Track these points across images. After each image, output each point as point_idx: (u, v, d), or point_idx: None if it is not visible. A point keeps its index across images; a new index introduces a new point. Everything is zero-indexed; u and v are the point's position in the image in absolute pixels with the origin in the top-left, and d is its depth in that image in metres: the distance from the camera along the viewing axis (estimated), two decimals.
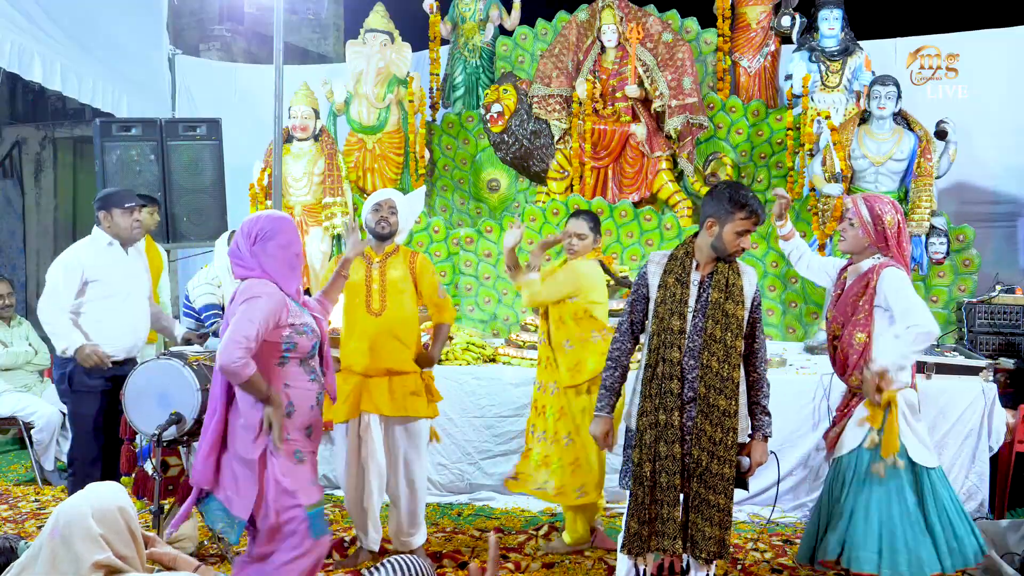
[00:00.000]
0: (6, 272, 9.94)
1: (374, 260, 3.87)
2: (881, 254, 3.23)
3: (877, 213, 3.22)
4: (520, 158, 6.31)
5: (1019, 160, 6.36)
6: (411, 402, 3.82)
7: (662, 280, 3.08)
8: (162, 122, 5.71)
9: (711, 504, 2.96)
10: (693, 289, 3.05)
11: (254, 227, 2.96)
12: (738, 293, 3.01)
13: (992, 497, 4.47)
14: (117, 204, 4.05)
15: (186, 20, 9.92)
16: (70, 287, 3.97)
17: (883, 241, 3.22)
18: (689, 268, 3.07)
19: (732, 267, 3.04)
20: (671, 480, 2.98)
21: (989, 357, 4.85)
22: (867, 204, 3.25)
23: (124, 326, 4.07)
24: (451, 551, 4.13)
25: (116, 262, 4.08)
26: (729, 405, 2.97)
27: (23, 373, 5.69)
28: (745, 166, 6.30)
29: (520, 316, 5.94)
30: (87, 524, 2.03)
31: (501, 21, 6.89)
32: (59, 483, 5.35)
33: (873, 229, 3.22)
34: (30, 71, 5.98)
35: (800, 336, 5.69)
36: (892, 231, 3.21)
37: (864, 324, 3.20)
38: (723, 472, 2.96)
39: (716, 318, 2.99)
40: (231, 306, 2.91)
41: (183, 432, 3.64)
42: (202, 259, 6.13)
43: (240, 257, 2.96)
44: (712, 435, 2.96)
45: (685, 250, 3.09)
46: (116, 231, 4.07)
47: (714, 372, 2.97)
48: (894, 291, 3.13)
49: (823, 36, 5.99)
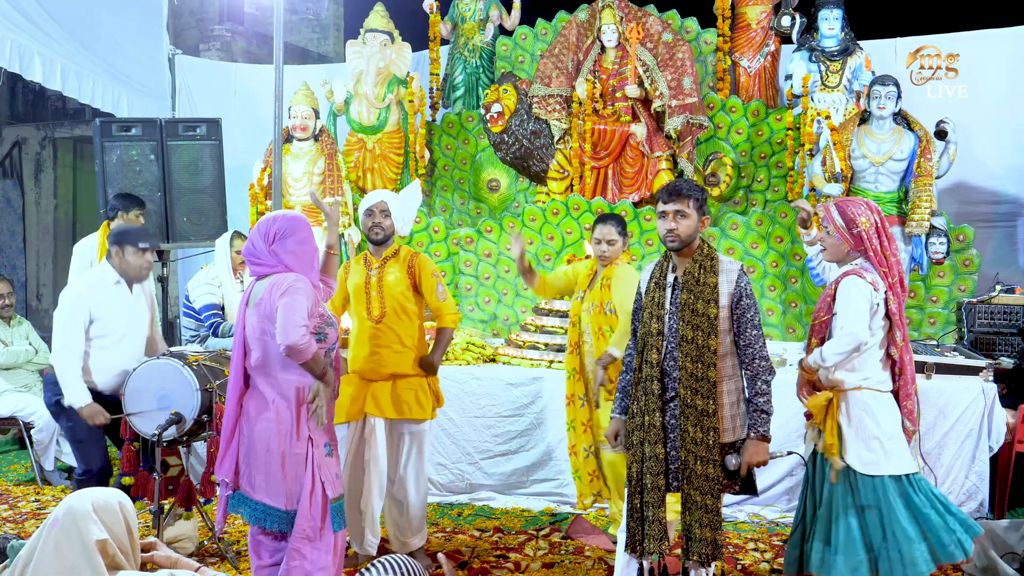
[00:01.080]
0: (6, 272, 9.95)
1: (373, 265, 3.88)
2: (863, 258, 3.20)
3: (850, 216, 3.17)
4: (520, 158, 6.31)
5: (1019, 160, 6.36)
6: (414, 405, 3.83)
7: (647, 286, 3.18)
8: (162, 122, 5.70)
9: (699, 505, 2.97)
10: (668, 291, 3.10)
11: (271, 226, 3.03)
12: (709, 292, 3.02)
13: (992, 497, 4.47)
14: (131, 243, 3.95)
15: (186, 20, 9.92)
16: (78, 329, 3.87)
17: (861, 244, 3.17)
18: (667, 271, 3.14)
19: (706, 266, 3.05)
20: (655, 481, 3.01)
21: (989, 357, 4.86)
22: (839, 209, 3.21)
23: (115, 367, 3.93)
24: (451, 551, 4.13)
25: (120, 302, 3.97)
26: (707, 405, 2.98)
27: (23, 372, 5.69)
28: (745, 166, 6.30)
29: (520, 316, 5.95)
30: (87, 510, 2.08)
31: (501, 21, 6.89)
32: (59, 483, 5.36)
33: (848, 233, 3.18)
34: (30, 71, 5.99)
35: (800, 336, 5.68)
36: (868, 232, 3.16)
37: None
38: (707, 472, 2.97)
39: (686, 318, 3.02)
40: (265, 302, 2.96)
41: (183, 432, 3.64)
42: (202, 259, 6.12)
43: (258, 256, 3.03)
44: (694, 436, 2.98)
45: (666, 253, 3.17)
46: (125, 268, 3.96)
47: (689, 372, 2.99)
48: (841, 298, 3.13)
49: (823, 36, 5.99)
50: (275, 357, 2.98)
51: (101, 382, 3.91)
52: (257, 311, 3.00)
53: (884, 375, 3.19)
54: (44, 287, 10.40)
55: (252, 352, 3.03)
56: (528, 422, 4.79)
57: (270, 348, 2.99)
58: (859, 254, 3.20)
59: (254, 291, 3.06)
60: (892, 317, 3.15)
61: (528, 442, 4.80)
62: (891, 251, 3.21)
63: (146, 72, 7.23)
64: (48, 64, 6.09)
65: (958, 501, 4.39)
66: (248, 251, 3.08)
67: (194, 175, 5.71)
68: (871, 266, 3.18)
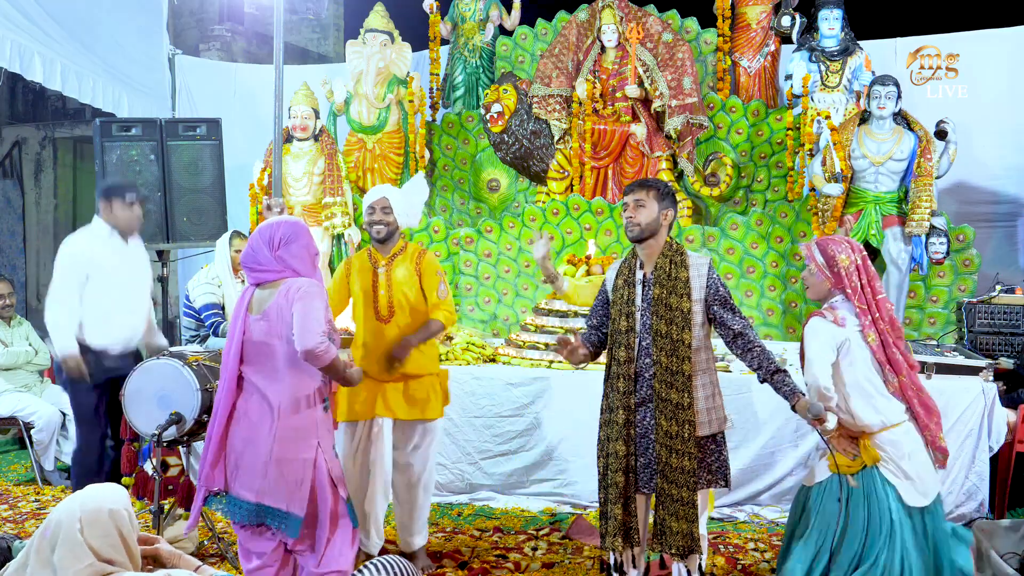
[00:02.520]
0: (6, 272, 9.95)
1: (380, 263, 3.79)
2: (844, 297, 3.19)
3: (830, 254, 3.18)
4: (520, 158, 6.31)
5: (1019, 160, 6.36)
6: (426, 405, 3.80)
7: (615, 284, 3.20)
8: (162, 122, 5.70)
9: (675, 499, 2.99)
10: (639, 288, 3.13)
11: (275, 233, 3.03)
12: (682, 286, 3.05)
13: (992, 497, 4.47)
14: (118, 196, 4.11)
15: (186, 20, 9.93)
16: (75, 283, 4.00)
17: (840, 282, 3.17)
18: (635, 268, 3.16)
19: (676, 260, 3.10)
20: (614, 478, 3.06)
21: (989, 357, 4.85)
22: (820, 247, 3.23)
23: (120, 317, 4.10)
24: (451, 551, 4.13)
25: (115, 252, 4.12)
26: (682, 398, 3.00)
27: (23, 373, 5.69)
28: (745, 166, 6.30)
29: (520, 316, 5.95)
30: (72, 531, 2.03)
31: (501, 21, 6.89)
32: (59, 483, 5.36)
33: (829, 271, 3.19)
34: (30, 71, 5.99)
35: (800, 336, 5.67)
36: (848, 270, 3.16)
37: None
38: (683, 465, 2.99)
39: (660, 313, 3.05)
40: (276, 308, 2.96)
41: (183, 432, 3.64)
42: (202, 259, 6.12)
43: (261, 263, 3.02)
44: (668, 429, 3.01)
45: (633, 251, 3.20)
46: (115, 222, 4.12)
47: (664, 367, 3.02)
48: (807, 346, 3.18)
49: (823, 36, 5.99)
50: (284, 362, 2.97)
51: (109, 335, 4.05)
52: (266, 318, 2.98)
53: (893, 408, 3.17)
54: (44, 287, 10.30)
55: (255, 358, 3.02)
56: (528, 422, 4.79)
57: (278, 353, 2.98)
58: (839, 292, 3.20)
59: (256, 298, 3.04)
60: (876, 355, 3.14)
61: (528, 442, 4.80)
62: (875, 288, 3.19)
63: (146, 72, 7.23)
64: (48, 64, 6.08)
65: (958, 501, 4.40)
66: (249, 259, 3.04)
67: (194, 175, 5.71)
68: (842, 302, 3.18)
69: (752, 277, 5.80)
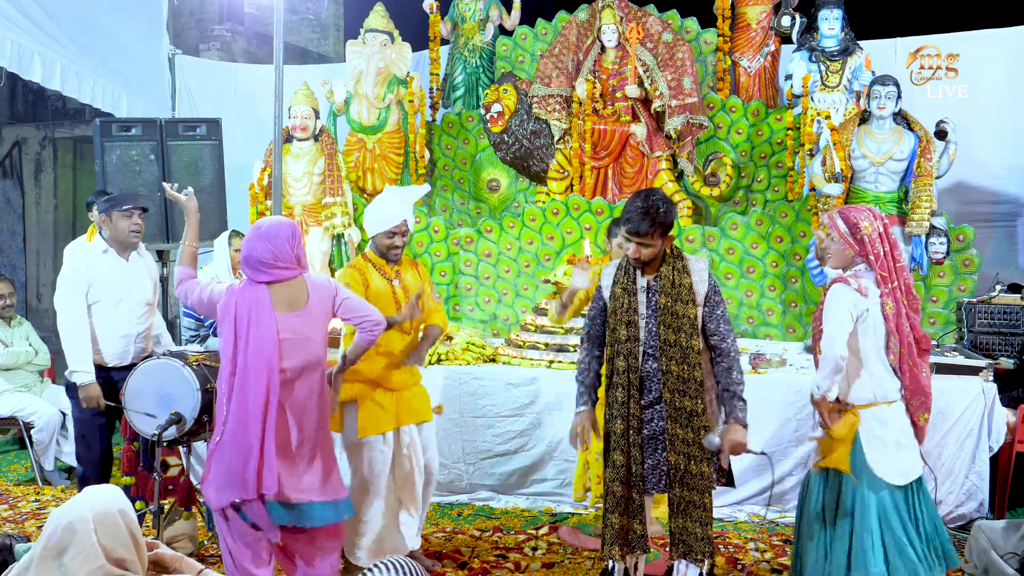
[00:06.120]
0: (6, 272, 9.94)
1: (391, 275, 3.76)
2: (867, 264, 3.18)
3: (853, 222, 3.16)
4: (520, 158, 6.31)
5: (1019, 160, 6.36)
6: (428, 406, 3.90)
7: (612, 291, 3.14)
8: (162, 122, 5.70)
9: (696, 505, 3.00)
10: (641, 295, 3.08)
11: (286, 230, 3.05)
12: (687, 292, 3.03)
13: (992, 497, 4.47)
14: (116, 207, 4.09)
15: (186, 20, 9.92)
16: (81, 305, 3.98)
17: (864, 249, 3.16)
18: (634, 275, 3.11)
19: (678, 267, 3.06)
20: (612, 486, 3.06)
21: (989, 357, 4.85)
22: (842, 215, 3.21)
23: (113, 333, 4.05)
24: (451, 551, 4.13)
25: (112, 270, 4.07)
26: (695, 405, 2.99)
27: (23, 373, 5.69)
28: (745, 166, 6.30)
29: (520, 316, 5.94)
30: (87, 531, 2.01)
31: (501, 21, 6.89)
32: (59, 483, 5.36)
33: (852, 238, 3.17)
34: (30, 71, 5.98)
35: (800, 336, 5.68)
36: (871, 237, 3.14)
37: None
38: (702, 471, 2.99)
39: (667, 322, 3.01)
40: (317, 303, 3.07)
41: (183, 432, 3.64)
42: (202, 259, 6.11)
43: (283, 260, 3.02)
44: (684, 437, 2.99)
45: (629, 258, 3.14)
46: (115, 235, 4.08)
47: (675, 375, 3.00)
48: (827, 311, 3.12)
49: (823, 36, 5.99)
50: (315, 356, 3.06)
51: (103, 349, 4.03)
52: (304, 314, 3.02)
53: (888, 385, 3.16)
54: (44, 287, 10.39)
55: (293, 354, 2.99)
56: (528, 422, 4.79)
57: (313, 348, 3.04)
58: (862, 259, 3.18)
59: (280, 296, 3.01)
60: (888, 323, 3.13)
61: (528, 442, 4.80)
62: (895, 256, 3.18)
63: (146, 72, 7.23)
64: (48, 64, 6.08)
65: (958, 501, 4.40)
66: (271, 257, 2.99)
67: (194, 175, 5.71)
68: (865, 271, 3.17)
69: (752, 277, 5.80)
